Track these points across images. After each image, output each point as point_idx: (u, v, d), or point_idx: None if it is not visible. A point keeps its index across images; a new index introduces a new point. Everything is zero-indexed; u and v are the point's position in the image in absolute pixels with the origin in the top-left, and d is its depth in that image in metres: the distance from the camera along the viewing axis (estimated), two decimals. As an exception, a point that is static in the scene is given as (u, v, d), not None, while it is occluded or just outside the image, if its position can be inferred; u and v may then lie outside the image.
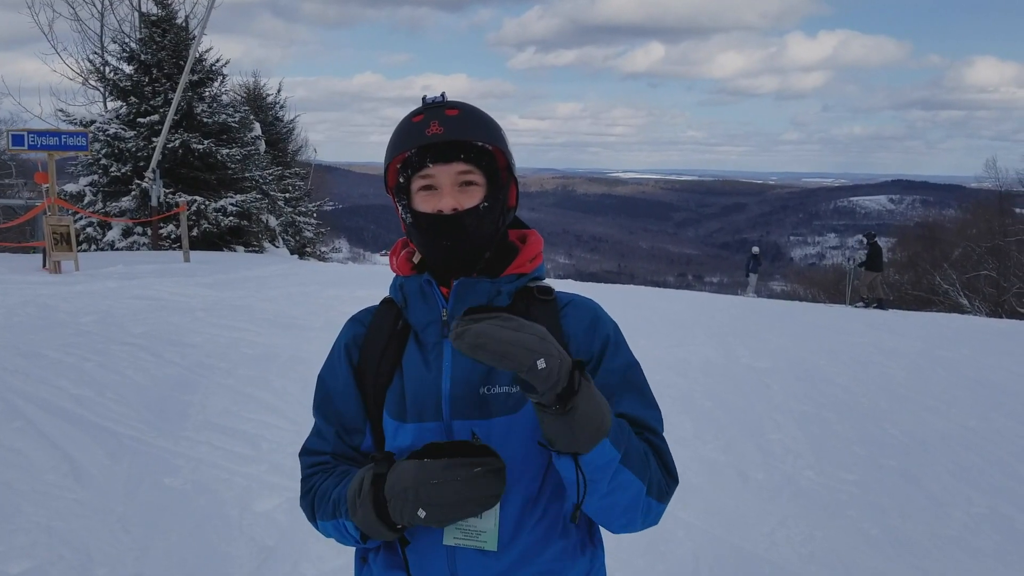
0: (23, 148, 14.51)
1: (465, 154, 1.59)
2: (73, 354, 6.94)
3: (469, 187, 1.60)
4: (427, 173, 1.59)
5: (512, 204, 1.71)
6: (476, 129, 1.60)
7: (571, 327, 1.64)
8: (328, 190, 48.59)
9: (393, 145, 1.63)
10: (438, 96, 1.63)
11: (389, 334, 1.68)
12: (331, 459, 1.70)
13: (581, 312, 1.67)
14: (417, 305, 1.64)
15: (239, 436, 5.48)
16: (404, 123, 1.62)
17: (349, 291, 12.76)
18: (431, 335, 1.63)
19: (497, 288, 1.62)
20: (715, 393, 7.73)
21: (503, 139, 1.66)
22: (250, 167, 24.48)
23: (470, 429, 1.55)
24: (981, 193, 49.98)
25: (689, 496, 4.94)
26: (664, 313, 13.38)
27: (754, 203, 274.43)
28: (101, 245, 21.53)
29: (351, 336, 1.73)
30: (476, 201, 1.59)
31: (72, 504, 4.27)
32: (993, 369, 9.95)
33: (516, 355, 1.30)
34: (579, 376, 1.37)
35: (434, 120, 1.57)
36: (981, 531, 4.89)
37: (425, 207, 1.60)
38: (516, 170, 1.71)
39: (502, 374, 1.57)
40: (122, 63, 23.46)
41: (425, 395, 1.59)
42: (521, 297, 1.65)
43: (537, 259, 1.69)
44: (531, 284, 1.68)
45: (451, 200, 1.58)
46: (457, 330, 1.33)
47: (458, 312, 1.58)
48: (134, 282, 12.08)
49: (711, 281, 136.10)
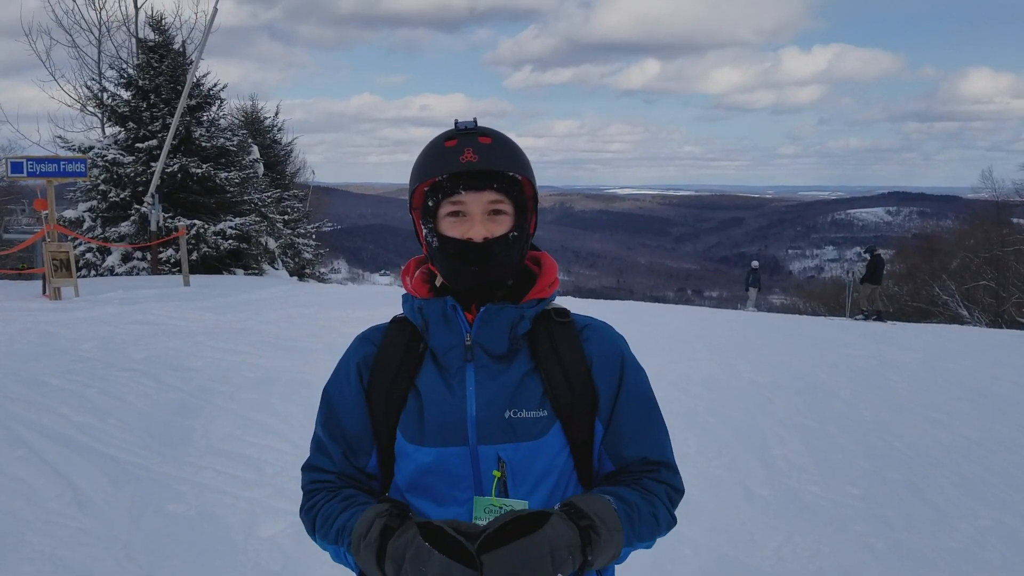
0: (22, 175, 14.54)
1: (497, 183, 1.60)
2: (75, 381, 6.93)
3: (498, 216, 1.61)
4: (458, 200, 1.59)
5: (532, 232, 1.73)
6: (508, 159, 1.61)
7: (592, 350, 1.67)
8: (326, 211, 48.69)
9: (423, 168, 1.62)
10: (470, 121, 1.63)
11: (402, 355, 1.68)
12: (335, 479, 1.70)
13: (601, 336, 1.71)
14: (440, 329, 1.64)
15: (242, 461, 5.47)
16: (436, 147, 1.62)
17: (349, 312, 12.77)
18: (454, 359, 1.63)
19: (520, 314, 1.63)
20: (718, 409, 7.72)
21: (531, 169, 1.67)
22: (248, 190, 24.57)
23: (496, 454, 1.57)
24: (978, 203, 50.06)
25: (695, 514, 4.92)
26: (664, 328, 13.38)
27: (752, 217, 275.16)
28: (101, 270, 21.56)
29: (362, 356, 1.72)
30: (505, 230, 1.61)
31: (76, 532, 4.25)
32: (995, 380, 9.95)
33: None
34: (591, 543, 1.42)
35: (468, 147, 1.58)
36: (987, 543, 4.87)
37: (453, 232, 1.60)
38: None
39: (528, 398, 1.60)
40: (120, 89, 23.60)
41: (449, 419, 1.59)
42: (541, 321, 1.67)
43: (555, 284, 1.71)
44: (548, 307, 1.70)
45: (481, 228, 1.59)
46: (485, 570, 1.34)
47: (483, 337, 1.61)
48: (134, 307, 12.09)
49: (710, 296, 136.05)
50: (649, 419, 1.70)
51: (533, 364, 1.64)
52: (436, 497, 1.61)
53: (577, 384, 1.62)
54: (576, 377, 1.63)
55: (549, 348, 1.64)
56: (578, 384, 1.62)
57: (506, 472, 1.57)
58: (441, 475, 1.59)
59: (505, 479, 1.57)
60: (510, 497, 1.57)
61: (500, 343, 1.62)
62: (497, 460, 1.56)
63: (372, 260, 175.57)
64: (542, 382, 1.62)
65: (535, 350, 1.64)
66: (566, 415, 1.61)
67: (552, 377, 1.62)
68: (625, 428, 1.66)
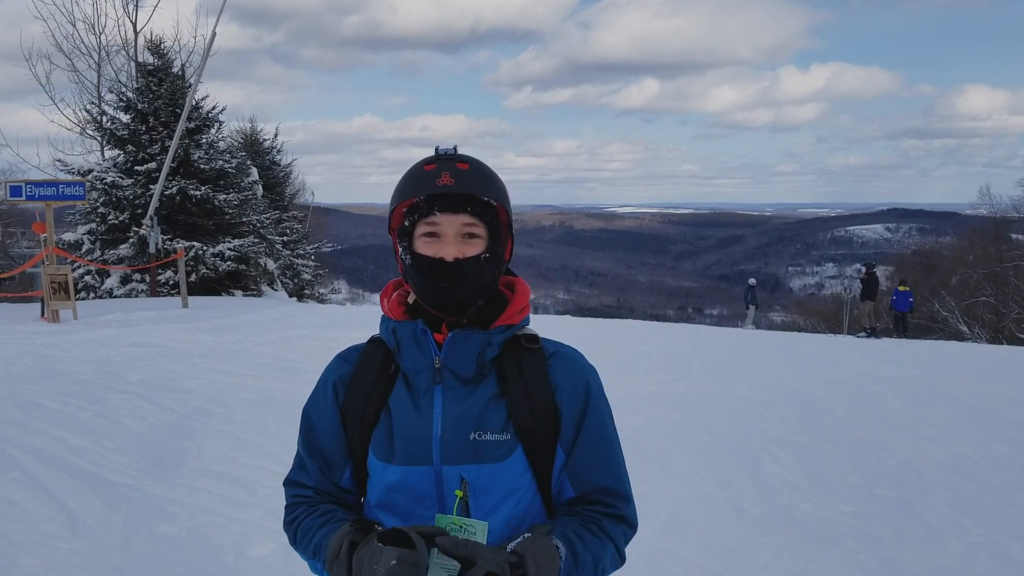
0: (21, 199, 14.65)
1: (471, 207, 1.66)
2: (70, 403, 6.95)
3: (472, 239, 1.67)
4: (433, 220, 1.66)
5: (507, 258, 1.78)
6: (483, 185, 1.68)
7: (557, 377, 1.72)
8: (326, 232, 48.77)
9: (402, 189, 1.70)
10: (450, 148, 1.70)
11: (377, 375, 1.74)
12: (313, 494, 1.77)
13: (567, 364, 1.75)
14: (410, 351, 1.69)
15: (235, 482, 5.49)
16: (416, 170, 1.70)
17: (347, 333, 12.79)
18: (423, 381, 1.68)
19: (488, 339, 1.68)
20: (712, 427, 7.74)
21: (506, 196, 1.74)
22: (247, 212, 24.66)
23: (459, 474, 1.62)
24: (976, 220, 50.18)
25: (685, 532, 4.93)
26: (662, 347, 13.40)
27: (751, 235, 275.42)
28: (99, 293, 21.62)
29: (338, 376, 1.79)
30: (477, 252, 1.67)
31: (68, 555, 4.27)
32: (991, 396, 9.96)
33: None
34: None
35: (445, 171, 1.65)
36: (978, 560, 4.88)
37: (427, 251, 1.66)
38: (513, 222, 1.80)
39: (492, 421, 1.65)
40: (119, 112, 23.76)
41: (415, 439, 1.65)
42: (510, 346, 1.72)
43: (525, 310, 1.77)
44: (519, 332, 1.74)
45: (453, 249, 1.65)
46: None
47: (451, 361, 1.66)
48: (132, 329, 12.13)
49: (711, 313, 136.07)
50: (611, 449, 1.74)
51: (499, 389, 1.68)
52: (402, 514, 1.66)
53: (540, 410, 1.67)
54: (539, 403, 1.67)
55: (516, 374, 1.69)
56: (540, 410, 1.67)
57: (468, 492, 1.61)
58: (407, 493, 1.64)
59: (467, 499, 1.61)
60: (471, 516, 1.61)
61: (468, 367, 1.67)
62: (460, 480, 1.61)
63: (372, 280, 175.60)
64: (507, 407, 1.67)
65: (502, 375, 1.69)
66: (528, 440, 1.66)
67: (516, 402, 1.66)
68: (588, 456, 1.70)
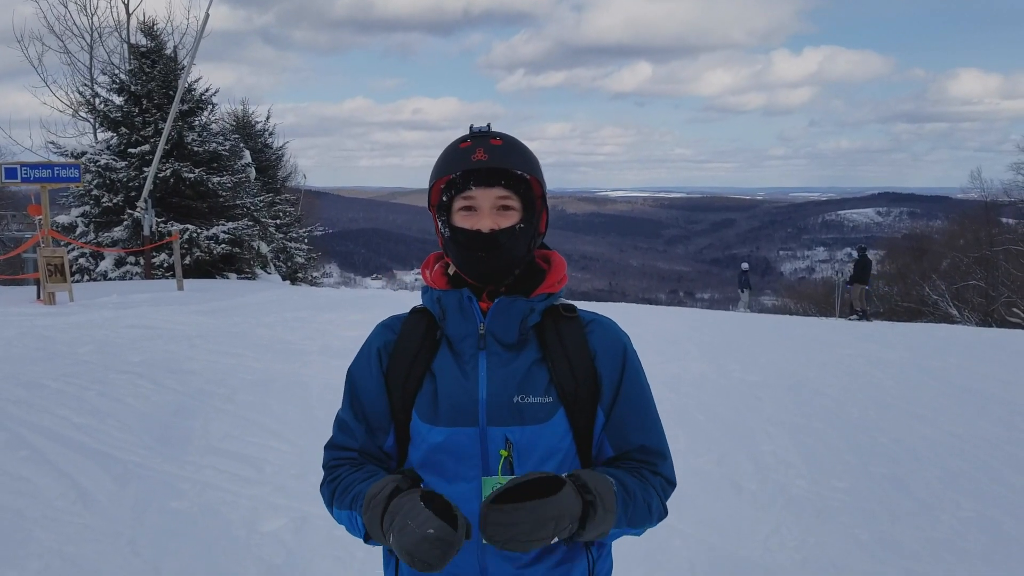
0: (16, 181, 14.60)
1: (505, 180, 1.76)
2: (73, 383, 7.01)
3: (506, 211, 1.77)
4: (469, 195, 1.76)
5: (542, 230, 1.88)
6: (516, 159, 1.78)
7: (596, 344, 1.82)
8: (318, 215, 48.71)
9: (440, 167, 1.79)
10: (484, 126, 1.80)
11: (420, 342, 1.83)
12: (358, 455, 1.85)
13: (604, 331, 1.85)
14: (456, 318, 1.79)
15: (242, 460, 5.58)
16: (452, 148, 1.79)
17: (343, 315, 12.87)
18: (468, 347, 1.78)
19: (531, 307, 1.78)
20: (708, 407, 7.85)
21: (539, 170, 1.84)
22: (241, 194, 24.64)
23: (503, 435, 1.72)
24: (967, 204, 50.36)
25: (684, 507, 5.04)
26: (655, 330, 13.50)
27: (743, 219, 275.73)
28: (94, 275, 21.60)
29: (382, 342, 1.88)
30: (511, 223, 1.76)
31: (82, 529, 4.35)
32: (980, 377, 10.11)
33: (537, 544, 1.50)
34: (588, 517, 1.57)
35: (480, 147, 1.75)
36: (969, 534, 5.01)
37: (464, 224, 1.76)
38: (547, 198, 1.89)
39: (535, 385, 1.75)
40: (112, 94, 23.67)
41: (462, 401, 1.74)
42: (549, 314, 1.82)
43: (563, 280, 1.87)
44: (556, 303, 1.85)
45: (489, 221, 1.75)
46: (487, 531, 1.49)
47: (495, 327, 1.76)
48: (129, 311, 12.16)
49: (702, 297, 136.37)
50: (648, 410, 1.84)
51: (541, 354, 1.78)
52: (445, 474, 1.74)
53: (580, 374, 1.77)
54: (580, 367, 1.77)
55: (556, 340, 1.79)
56: (581, 374, 1.77)
57: (512, 452, 1.71)
58: (451, 453, 1.73)
59: (511, 459, 1.71)
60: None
61: (511, 333, 1.76)
62: (504, 441, 1.70)
63: (364, 264, 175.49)
64: (548, 371, 1.76)
65: (543, 341, 1.79)
66: (570, 402, 1.75)
67: (558, 367, 1.76)
68: (627, 417, 1.80)
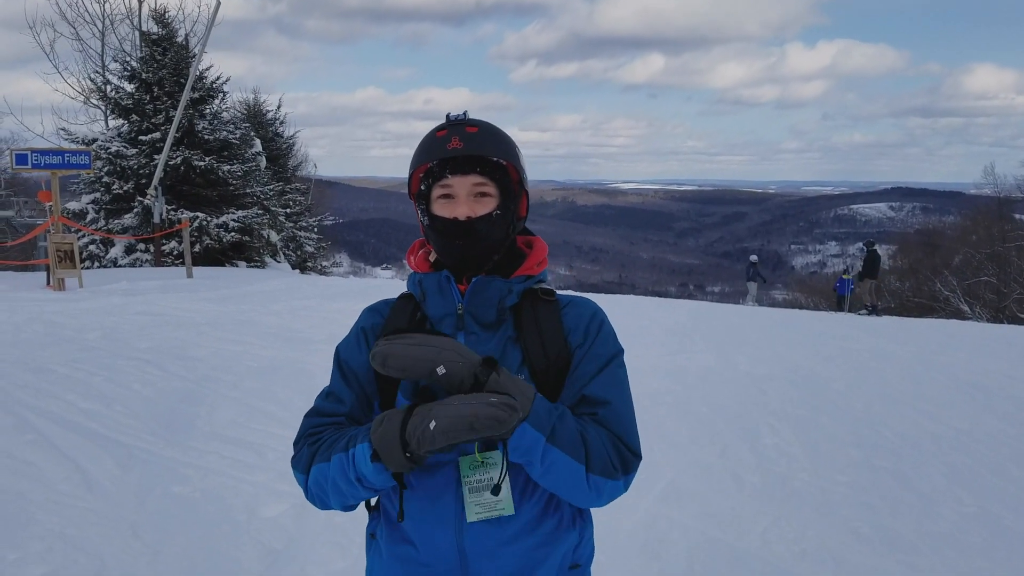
0: (27, 167, 14.67)
1: (481, 167, 1.78)
2: (81, 369, 7.06)
3: (483, 198, 1.79)
4: (446, 183, 1.78)
5: (523, 214, 1.91)
6: (492, 145, 1.79)
7: (570, 321, 1.83)
8: (328, 204, 48.78)
9: (417, 156, 1.83)
10: (461, 114, 1.82)
11: (406, 324, 1.85)
12: (346, 420, 1.83)
13: (580, 309, 1.86)
14: (435, 299, 1.82)
15: (246, 446, 5.61)
16: (428, 137, 1.82)
17: (351, 304, 12.90)
18: (447, 327, 1.81)
19: (508, 287, 1.80)
20: (712, 399, 7.85)
21: (516, 155, 1.85)
22: (251, 183, 24.71)
23: None
24: (980, 199, 50.08)
25: (684, 499, 5.05)
26: (662, 322, 13.50)
27: (755, 212, 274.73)
28: (104, 262, 21.71)
29: (370, 324, 1.91)
30: (488, 210, 1.78)
31: (85, 512, 4.39)
32: (987, 373, 10.07)
33: (415, 367, 1.59)
34: (488, 372, 1.58)
35: (455, 136, 1.77)
36: (970, 529, 5.00)
37: (443, 212, 1.79)
38: (527, 183, 1.90)
39: (509, 362, 1.76)
40: (123, 82, 23.73)
41: None
42: (528, 297, 1.84)
43: (543, 263, 1.89)
44: (536, 286, 1.86)
45: (465, 208, 1.77)
46: (372, 351, 1.63)
47: (473, 307, 1.78)
48: (138, 298, 12.23)
49: (713, 291, 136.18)
50: (610, 369, 1.79)
51: (516, 334, 1.80)
52: None
53: (553, 351, 1.78)
54: (552, 344, 1.78)
55: (532, 319, 1.80)
56: (554, 351, 1.78)
57: None
58: None
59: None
60: (491, 451, 1.70)
61: (488, 313, 1.79)
62: None
63: (374, 254, 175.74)
64: (522, 351, 1.78)
65: (519, 322, 1.81)
66: (541, 380, 1.76)
67: (531, 346, 1.78)
68: (584, 368, 1.77)
